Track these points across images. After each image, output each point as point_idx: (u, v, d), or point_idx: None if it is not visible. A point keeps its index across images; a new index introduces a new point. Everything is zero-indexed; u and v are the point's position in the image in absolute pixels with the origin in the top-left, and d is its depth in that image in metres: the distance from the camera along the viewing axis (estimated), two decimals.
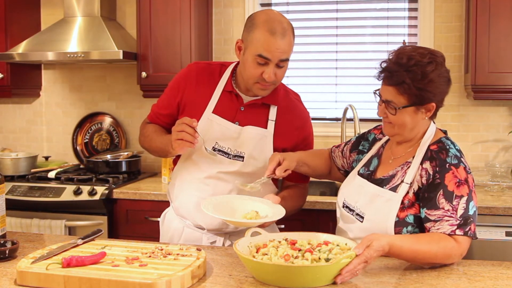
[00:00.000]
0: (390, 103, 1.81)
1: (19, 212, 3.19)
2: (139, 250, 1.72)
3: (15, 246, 1.79)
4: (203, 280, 1.59)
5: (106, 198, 3.13)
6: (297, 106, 2.21)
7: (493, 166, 3.21)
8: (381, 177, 1.91)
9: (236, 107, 2.10)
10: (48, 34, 3.56)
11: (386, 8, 3.54)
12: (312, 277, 1.50)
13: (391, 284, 1.57)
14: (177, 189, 2.19)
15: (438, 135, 1.89)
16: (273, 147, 2.10)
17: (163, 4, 3.36)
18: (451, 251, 1.68)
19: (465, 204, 1.72)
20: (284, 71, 2.02)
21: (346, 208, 1.96)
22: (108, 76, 3.90)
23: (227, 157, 2.08)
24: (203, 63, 2.22)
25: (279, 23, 1.94)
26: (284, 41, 1.93)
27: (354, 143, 2.16)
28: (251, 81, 2.01)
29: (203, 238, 2.14)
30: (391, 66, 1.80)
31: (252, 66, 1.97)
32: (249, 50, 1.96)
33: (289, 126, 2.14)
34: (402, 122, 1.82)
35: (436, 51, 1.82)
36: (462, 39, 3.37)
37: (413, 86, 1.75)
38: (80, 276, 1.49)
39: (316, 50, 3.67)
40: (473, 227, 1.73)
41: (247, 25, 2.00)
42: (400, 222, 1.79)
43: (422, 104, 1.79)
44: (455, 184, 1.74)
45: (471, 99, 3.29)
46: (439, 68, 1.78)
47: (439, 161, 1.78)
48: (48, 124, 4.03)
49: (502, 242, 2.72)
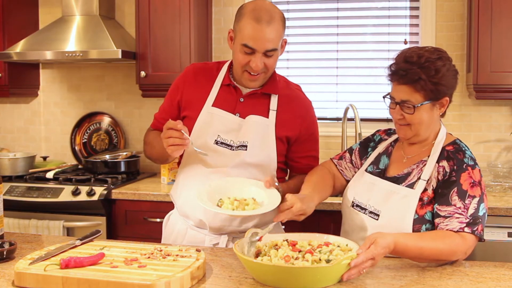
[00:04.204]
0: (406, 102, 1.83)
1: (17, 212, 3.18)
2: (138, 251, 1.71)
3: (13, 247, 1.78)
4: (203, 281, 1.58)
5: (105, 198, 3.12)
6: (299, 95, 2.20)
7: (495, 166, 3.20)
8: (396, 175, 1.92)
9: (235, 99, 2.11)
10: (46, 33, 3.55)
11: (387, 7, 3.52)
12: (313, 278, 1.49)
13: (393, 286, 1.56)
14: (180, 187, 2.18)
15: (451, 138, 1.94)
16: (275, 136, 2.10)
17: (162, 2, 3.35)
18: (456, 247, 1.70)
19: (476, 205, 1.76)
20: (274, 60, 2.02)
21: (357, 207, 1.95)
22: (107, 76, 3.89)
23: (230, 149, 2.07)
24: (200, 64, 2.25)
25: (265, 11, 1.95)
26: (270, 29, 1.93)
27: (361, 149, 2.13)
28: (240, 71, 2.03)
29: (206, 240, 2.12)
30: (403, 66, 1.82)
31: (240, 55, 1.99)
32: (237, 39, 1.99)
33: (291, 115, 2.13)
34: (419, 120, 1.84)
35: (439, 47, 1.88)
36: (464, 38, 3.36)
37: (428, 81, 1.78)
38: (79, 277, 1.48)
39: (317, 49, 3.65)
40: (481, 228, 1.75)
41: (237, 15, 2.02)
42: (419, 219, 1.80)
43: (438, 99, 1.83)
44: (470, 184, 1.78)
45: (473, 99, 3.28)
46: (448, 63, 1.84)
47: (456, 161, 1.82)
48: (46, 124, 4.02)
49: (505, 243, 2.71)
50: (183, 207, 2.17)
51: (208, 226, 2.11)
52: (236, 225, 2.09)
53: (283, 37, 2.02)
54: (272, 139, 2.09)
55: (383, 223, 1.84)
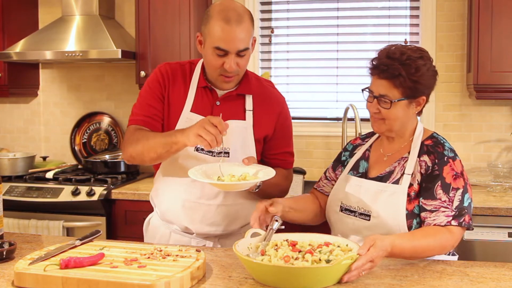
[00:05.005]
0: (383, 97, 1.86)
1: (16, 213, 3.18)
2: (138, 251, 1.71)
3: (12, 247, 1.78)
4: (203, 282, 1.58)
5: (105, 198, 3.12)
6: (272, 92, 2.18)
7: (496, 166, 3.19)
8: (379, 175, 1.95)
9: (212, 103, 2.07)
10: (46, 33, 3.54)
11: (388, 6, 3.52)
12: (313, 278, 1.49)
13: (393, 286, 1.56)
14: (162, 193, 2.16)
15: (428, 132, 1.97)
16: (254, 138, 2.09)
17: (162, 2, 3.35)
18: (446, 242, 1.76)
19: (461, 196, 1.81)
20: (247, 59, 1.99)
21: (346, 211, 1.96)
22: (107, 76, 3.88)
23: (211, 155, 2.05)
24: (174, 63, 2.17)
25: (233, 11, 1.92)
26: (240, 28, 1.90)
27: (334, 164, 2.16)
28: (215, 74, 2.00)
29: (191, 242, 2.11)
30: (385, 61, 1.85)
31: (212, 58, 1.95)
32: (207, 42, 1.95)
33: (267, 113, 2.12)
34: (395, 116, 1.87)
35: (422, 47, 1.92)
36: (464, 38, 3.35)
37: (407, 79, 1.81)
38: (78, 278, 1.48)
39: (317, 49, 3.65)
40: (468, 218, 1.81)
41: (204, 17, 1.98)
42: (409, 214, 1.84)
43: (415, 98, 1.86)
44: (452, 176, 1.83)
45: (473, 99, 3.27)
46: (429, 63, 1.87)
47: (437, 154, 1.86)
48: (46, 124, 4.02)
49: (505, 243, 2.71)
50: (167, 214, 2.15)
51: (194, 232, 2.11)
52: (222, 229, 2.09)
53: (252, 35, 1.99)
54: (252, 142, 2.09)
55: (376, 222, 1.86)
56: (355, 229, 1.92)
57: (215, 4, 1.99)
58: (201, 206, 2.07)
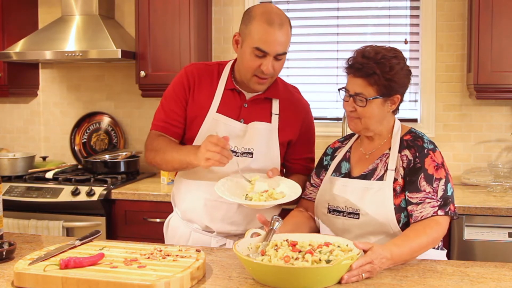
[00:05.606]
0: (359, 95, 1.89)
1: (16, 213, 3.17)
2: (138, 252, 1.71)
3: (12, 247, 1.78)
4: (203, 282, 1.58)
5: (105, 198, 3.11)
6: (298, 98, 2.23)
7: (496, 166, 3.19)
8: (362, 173, 1.98)
9: (239, 105, 2.09)
10: (46, 32, 3.54)
11: (388, 6, 3.52)
12: (313, 278, 1.49)
13: (393, 286, 1.56)
14: (183, 193, 2.17)
15: (406, 128, 2.02)
16: (278, 141, 2.11)
17: (162, 2, 3.35)
18: (437, 234, 1.81)
19: (444, 186, 1.86)
20: (282, 64, 2.02)
21: (334, 212, 1.97)
22: (107, 76, 3.88)
23: (235, 155, 2.05)
24: (200, 64, 2.20)
25: (276, 14, 1.95)
26: (282, 32, 1.93)
27: (317, 169, 2.16)
28: (249, 75, 2.00)
29: (212, 241, 2.12)
30: (360, 60, 1.89)
31: (250, 58, 1.97)
32: (247, 42, 1.96)
33: (293, 118, 2.15)
34: (370, 114, 1.91)
35: (396, 48, 1.96)
36: (464, 38, 3.35)
37: (382, 77, 1.85)
38: (78, 278, 1.48)
39: (317, 49, 3.65)
40: (453, 207, 1.86)
41: (244, 18, 2.00)
42: (396, 208, 1.87)
43: (390, 96, 1.90)
44: (434, 168, 1.87)
45: (474, 99, 3.27)
46: (402, 62, 1.91)
47: (417, 148, 1.91)
48: (45, 124, 4.01)
49: (505, 243, 2.71)
50: (188, 213, 2.16)
51: (215, 231, 2.11)
52: (243, 228, 2.10)
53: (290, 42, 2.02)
54: (276, 145, 2.11)
55: (366, 220, 1.89)
56: (344, 229, 1.94)
57: (257, 5, 2.02)
58: (222, 205, 2.08)
